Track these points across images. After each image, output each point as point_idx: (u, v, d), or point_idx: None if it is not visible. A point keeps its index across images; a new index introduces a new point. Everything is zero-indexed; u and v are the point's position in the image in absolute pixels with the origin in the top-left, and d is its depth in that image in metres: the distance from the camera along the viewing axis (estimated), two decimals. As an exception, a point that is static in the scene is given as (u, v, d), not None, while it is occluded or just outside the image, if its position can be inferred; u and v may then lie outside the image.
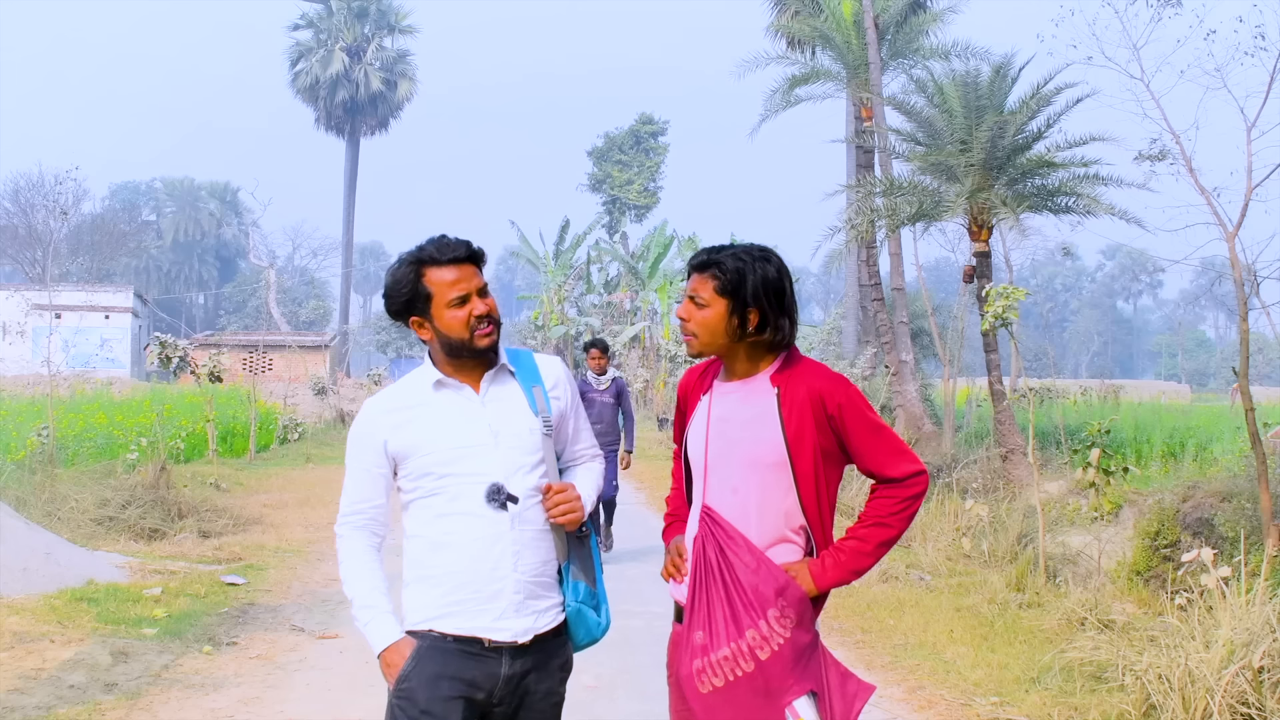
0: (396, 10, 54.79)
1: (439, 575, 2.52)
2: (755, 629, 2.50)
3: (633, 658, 5.99)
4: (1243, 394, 6.94)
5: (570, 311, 45.01)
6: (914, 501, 2.60)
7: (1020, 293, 8.68)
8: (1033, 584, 7.36)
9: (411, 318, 2.58)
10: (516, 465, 2.55)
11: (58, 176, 39.46)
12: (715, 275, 2.60)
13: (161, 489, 10.31)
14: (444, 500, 2.53)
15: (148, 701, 5.12)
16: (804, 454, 2.56)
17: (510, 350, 2.68)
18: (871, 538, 2.59)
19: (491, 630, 2.51)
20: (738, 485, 2.60)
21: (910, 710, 5.26)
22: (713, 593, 2.57)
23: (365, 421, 2.63)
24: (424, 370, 2.64)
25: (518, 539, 2.53)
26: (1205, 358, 73.27)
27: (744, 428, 2.61)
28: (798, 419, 2.56)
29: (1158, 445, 13.07)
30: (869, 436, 2.59)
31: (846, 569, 2.57)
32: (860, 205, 14.88)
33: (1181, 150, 7.32)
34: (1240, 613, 4.76)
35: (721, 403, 2.67)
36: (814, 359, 2.75)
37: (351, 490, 2.62)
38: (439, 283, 2.53)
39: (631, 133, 52.01)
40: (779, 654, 2.50)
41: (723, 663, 2.50)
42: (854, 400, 2.59)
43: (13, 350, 36.01)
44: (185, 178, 74.36)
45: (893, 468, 2.60)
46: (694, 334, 2.63)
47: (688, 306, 2.63)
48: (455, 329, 2.54)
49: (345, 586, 2.59)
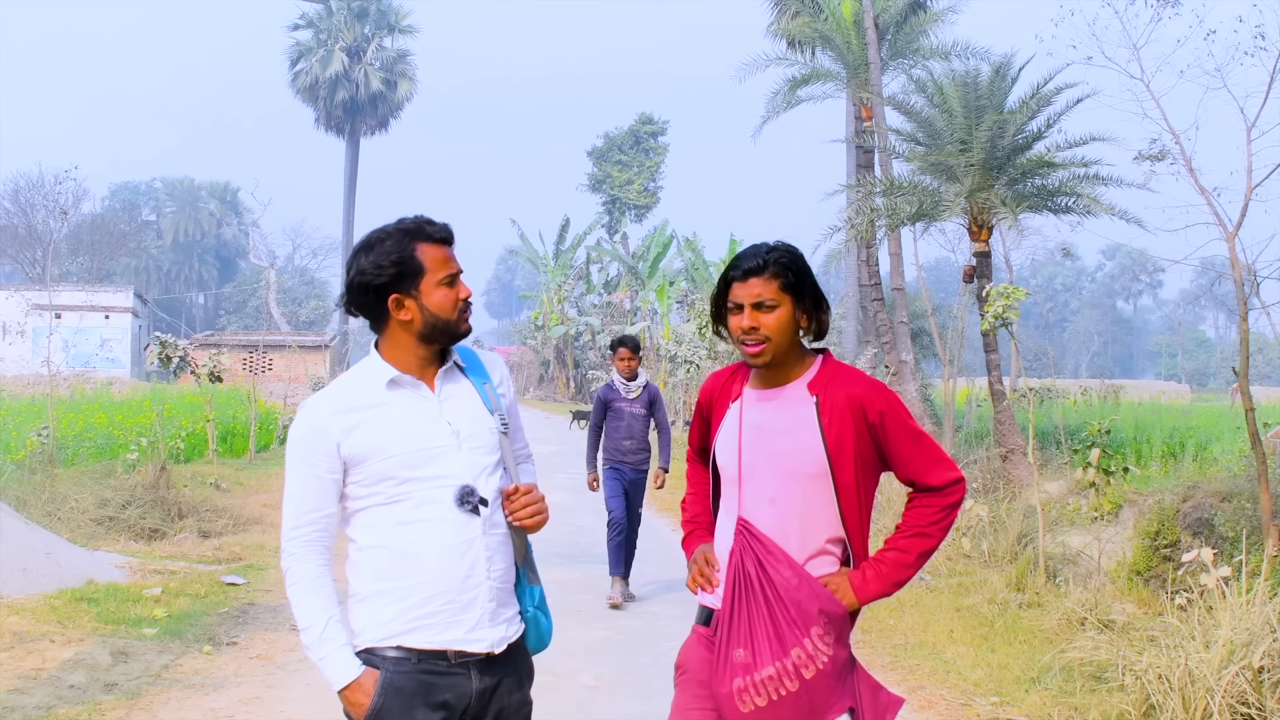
0: (396, 10, 54.78)
1: (406, 587, 2.35)
2: (800, 647, 2.44)
3: (633, 658, 5.99)
4: (1243, 394, 6.94)
5: (570, 311, 44.99)
6: (953, 510, 2.55)
7: (1020, 293, 8.68)
8: (1033, 584, 7.36)
9: (392, 295, 2.39)
10: (480, 466, 2.42)
11: (57, 176, 39.41)
12: (776, 274, 2.52)
13: (161, 489, 10.30)
14: (408, 507, 2.36)
15: (148, 701, 5.12)
16: (845, 464, 2.50)
17: (458, 347, 2.55)
18: (912, 548, 2.54)
19: (465, 642, 2.37)
20: (776, 496, 2.53)
21: (910, 710, 5.25)
22: (753, 609, 2.49)
23: (312, 424, 2.40)
24: (371, 366, 2.45)
25: (489, 544, 2.40)
26: (1205, 358, 73.23)
27: (782, 437, 2.53)
28: (838, 427, 2.49)
29: (1158, 445, 13.07)
30: (910, 445, 2.53)
31: (889, 581, 2.52)
32: (860, 205, 14.87)
33: (1181, 150, 7.32)
34: (1240, 613, 4.76)
35: (755, 410, 2.59)
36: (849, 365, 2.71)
37: (300, 499, 2.39)
38: (432, 258, 2.40)
39: (631, 133, 52.01)
40: (823, 673, 2.44)
41: (767, 682, 2.44)
42: (895, 407, 2.53)
43: (13, 350, 36.00)
44: (185, 178, 74.33)
45: (933, 476, 2.54)
46: (767, 339, 2.52)
47: (753, 315, 2.52)
48: (446, 308, 2.41)
49: (296, 612, 2.37)
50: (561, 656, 5.66)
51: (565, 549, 9.41)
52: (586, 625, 6.79)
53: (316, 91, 52.87)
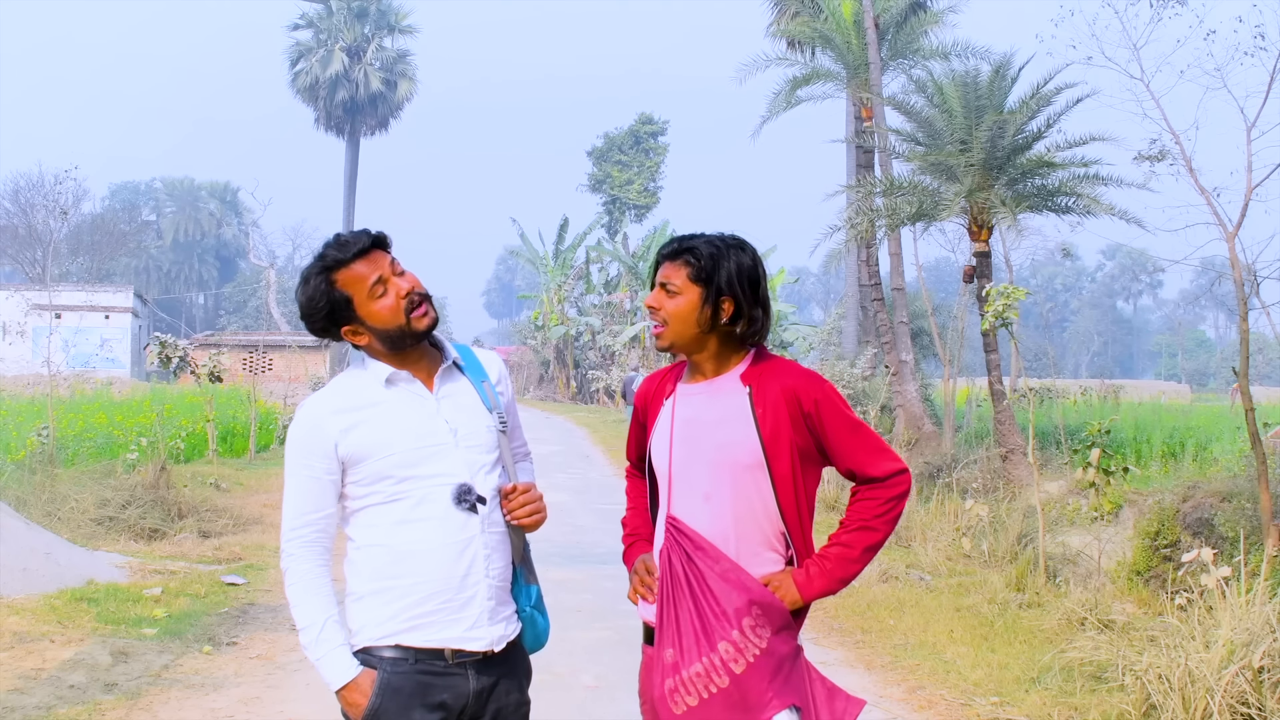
0: (396, 10, 54.78)
1: (404, 586, 2.35)
2: (728, 640, 2.37)
3: (632, 658, 5.97)
4: (1243, 394, 6.94)
5: (570, 311, 44.99)
6: (899, 502, 2.46)
7: (1020, 292, 8.68)
8: (1033, 584, 7.36)
9: (343, 329, 2.41)
10: (479, 464, 2.41)
11: (57, 176, 39.32)
12: (688, 261, 2.47)
13: (161, 489, 10.30)
14: (406, 506, 2.36)
15: (148, 701, 5.12)
16: (781, 454, 2.42)
17: (455, 344, 2.56)
18: (857, 543, 2.45)
19: (464, 640, 2.37)
20: (710, 491, 2.44)
21: (910, 710, 5.26)
22: (681, 607, 2.43)
23: (310, 424, 2.40)
24: (368, 367, 2.45)
25: (487, 542, 2.40)
26: (1205, 358, 73.22)
27: (714, 428, 2.46)
28: (773, 417, 2.42)
29: (1158, 445, 13.07)
30: (847, 435, 2.46)
31: (833, 578, 2.44)
32: (860, 205, 14.89)
33: (1181, 150, 7.33)
34: (1240, 613, 4.76)
35: (687, 404, 2.52)
36: (786, 357, 2.65)
37: (298, 501, 2.40)
38: (353, 281, 2.36)
39: (631, 133, 52.02)
40: (755, 666, 2.36)
41: (695, 679, 2.37)
42: (830, 397, 2.46)
43: (13, 350, 35.99)
44: (185, 178, 74.35)
45: (874, 466, 2.46)
46: (664, 322, 2.49)
47: (658, 295, 2.49)
48: (387, 318, 2.37)
49: (295, 612, 2.37)
50: (561, 656, 5.66)
51: (565, 549, 9.41)
52: (586, 625, 6.79)
53: (316, 91, 52.86)
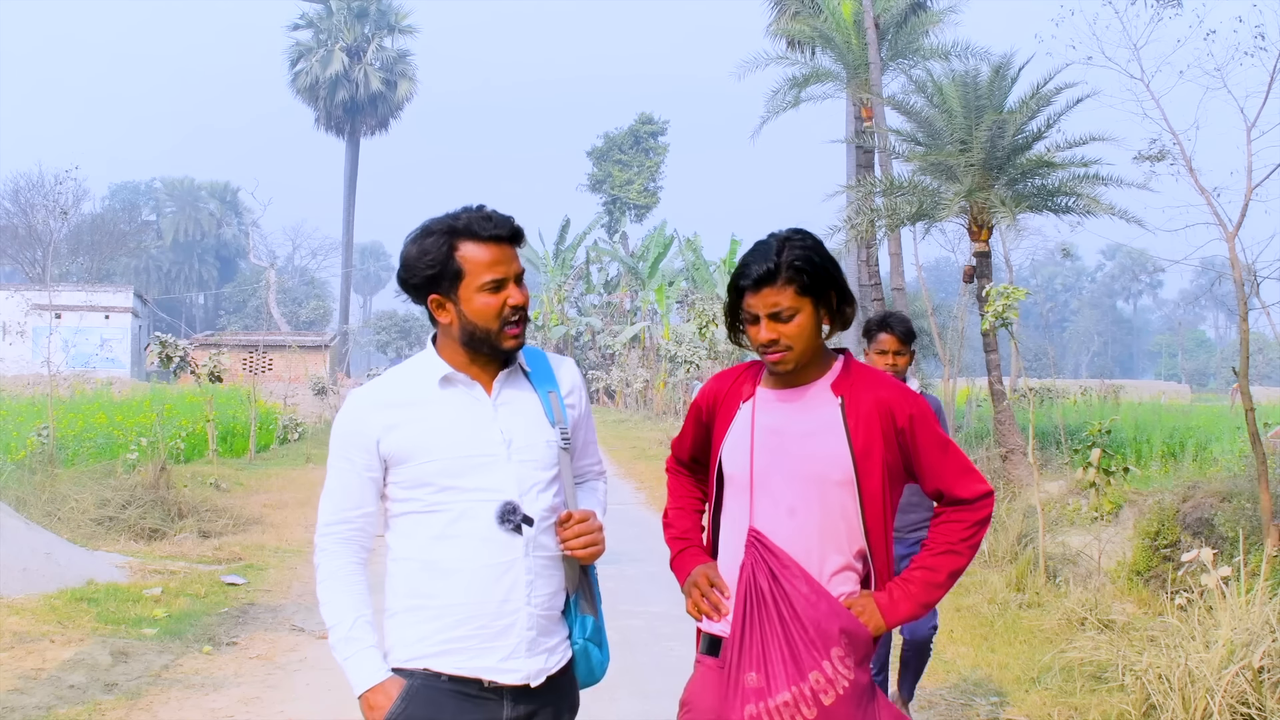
0: (396, 10, 54.83)
1: (437, 607, 2.18)
2: (819, 670, 2.23)
3: (632, 658, 5.99)
4: (1243, 394, 6.94)
5: (570, 311, 44.98)
6: (984, 526, 2.36)
7: (1020, 292, 8.67)
8: (1033, 584, 7.36)
9: (432, 295, 2.22)
10: (531, 481, 2.22)
11: (58, 176, 39.29)
12: (790, 279, 2.27)
13: (161, 489, 10.31)
14: (445, 519, 2.18)
15: (148, 701, 5.12)
16: (872, 471, 2.29)
17: (525, 349, 2.33)
18: (942, 567, 2.34)
19: (498, 672, 2.18)
20: (795, 506, 2.31)
21: (910, 710, 5.25)
22: (767, 629, 2.28)
23: (354, 417, 2.24)
24: (426, 360, 2.28)
25: (531, 567, 2.20)
26: (1205, 358, 73.23)
27: (802, 440, 2.32)
28: (865, 432, 2.30)
29: (1158, 445, 13.06)
30: (938, 454, 2.34)
31: (918, 602, 2.31)
32: (860, 205, 14.88)
33: (1181, 150, 7.33)
34: (1240, 613, 4.75)
35: (771, 412, 2.37)
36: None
37: (338, 495, 2.25)
38: (474, 260, 2.18)
39: (631, 133, 52.07)
40: (844, 699, 2.24)
41: (782, 709, 2.23)
42: (925, 413, 2.34)
43: (13, 350, 35.99)
44: (185, 178, 74.35)
45: (962, 488, 2.34)
46: (789, 348, 2.29)
47: (770, 326, 2.29)
48: (484, 317, 2.20)
49: (324, 611, 2.22)
50: (561, 656, 5.65)
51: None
52: (586, 625, 6.78)
53: (316, 91, 52.90)
